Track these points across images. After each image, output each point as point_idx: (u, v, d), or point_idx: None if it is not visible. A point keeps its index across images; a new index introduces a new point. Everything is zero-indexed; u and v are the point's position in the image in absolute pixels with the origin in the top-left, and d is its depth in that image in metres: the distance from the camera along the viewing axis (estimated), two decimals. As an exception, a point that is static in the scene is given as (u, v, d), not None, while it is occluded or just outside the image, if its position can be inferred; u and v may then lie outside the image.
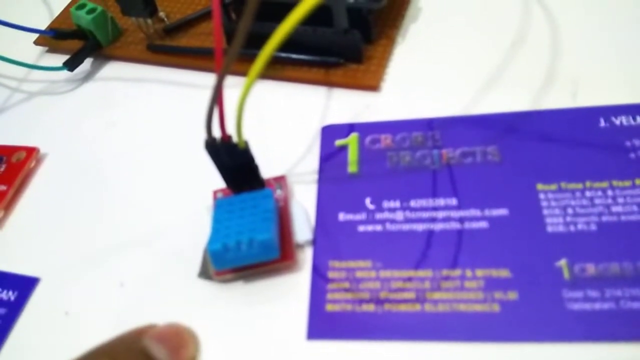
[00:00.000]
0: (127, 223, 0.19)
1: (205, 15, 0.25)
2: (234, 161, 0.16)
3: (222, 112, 0.15)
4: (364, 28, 0.21)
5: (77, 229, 0.19)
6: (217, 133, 0.16)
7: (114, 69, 0.24)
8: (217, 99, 0.15)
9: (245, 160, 0.16)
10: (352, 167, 0.18)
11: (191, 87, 0.23)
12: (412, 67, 0.21)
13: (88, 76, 0.24)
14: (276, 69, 0.22)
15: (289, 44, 0.21)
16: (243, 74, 0.16)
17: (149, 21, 0.23)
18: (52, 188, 0.21)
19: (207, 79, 0.23)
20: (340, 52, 0.21)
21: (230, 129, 0.15)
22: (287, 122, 0.21)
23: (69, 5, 0.27)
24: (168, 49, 0.23)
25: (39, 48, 0.26)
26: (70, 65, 0.23)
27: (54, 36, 0.23)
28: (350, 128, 0.19)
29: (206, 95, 0.15)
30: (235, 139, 0.16)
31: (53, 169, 0.21)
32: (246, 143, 0.16)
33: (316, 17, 0.20)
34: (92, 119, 0.23)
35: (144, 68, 0.24)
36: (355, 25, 0.21)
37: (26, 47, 0.26)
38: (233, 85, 0.17)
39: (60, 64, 0.24)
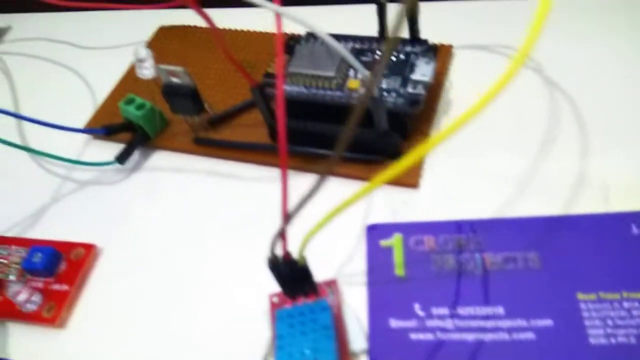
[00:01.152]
0: (182, 324, 0.20)
1: (247, 107, 0.26)
2: (292, 274, 0.18)
3: (284, 233, 0.17)
4: (400, 127, 0.22)
5: (134, 329, 0.20)
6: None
7: (161, 159, 0.26)
8: (286, 220, 0.16)
9: (303, 273, 0.18)
10: (398, 270, 0.19)
11: (237, 179, 0.24)
12: (447, 164, 0.22)
13: (136, 166, 0.26)
14: (317, 164, 0.23)
15: (329, 142, 0.23)
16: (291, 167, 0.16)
17: (196, 117, 0.24)
18: (109, 285, 0.22)
19: (253, 171, 0.24)
20: (379, 150, 0.23)
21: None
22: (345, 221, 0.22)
23: (111, 97, 0.29)
24: (214, 142, 0.25)
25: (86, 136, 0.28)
26: (122, 159, 0.25)
27: (106, 134, 0.25)
28: (393, 228, 0.21)
29: (252, 187, 0.16)
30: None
31: (109, 264, 0.22)
32: (305, 259, 0.17)
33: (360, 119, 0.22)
34: (143, 211, 0.24)
35: (191, 159, 0.25)
36: (392, 124, 0.22)
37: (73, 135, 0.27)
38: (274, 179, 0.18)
39: (109, 156, 0.25)
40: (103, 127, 0.25)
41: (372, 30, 0.24)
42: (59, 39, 0.34)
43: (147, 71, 0.23)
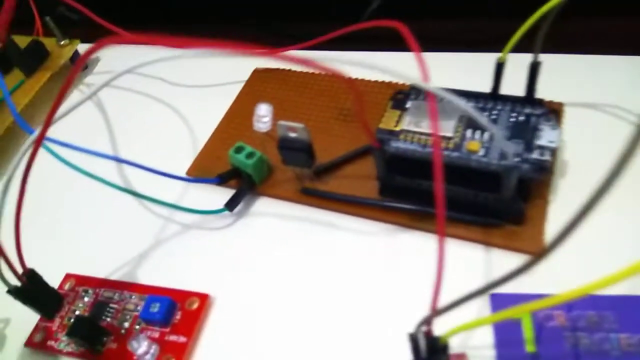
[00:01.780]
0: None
1: (352, 158, 0.26)
2: (429, 349, 0.17)
3: (434, 315, 0.16)
4: (522, 191, 0.22)
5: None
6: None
7: (266, 206, 0.26)
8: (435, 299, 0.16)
9: (441, 351, 0.17)
10: (529, 347, 0.19)
11: (344, 231, 0.24)
12: (576, 229, 0.22)
13: (242, 213, 0.26)
14: (432, 224, 0.23)
15: (446, 202, 0.23)
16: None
17: (306, 169, 0.25)
18: (223, 336, 0.22)
19: (359, 224, 0.24)
20: (500, 214, 0.22)
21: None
22: (451, 281, 0.22)
23: (212, 141, 0.29)
24: (322, 194, 0.25)
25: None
26: (231, 206, 0.25)
27: (219, 183, 0.25)
28: (520, 299, 0.20)
29: (359, 240, 0.16)
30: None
31: (221, 314, 0.23)
32: (447, 339, 0.17)
33: (478, 181, 0.22)
34: (252, 258, 0.24)
35: (295, 207, 0.25)
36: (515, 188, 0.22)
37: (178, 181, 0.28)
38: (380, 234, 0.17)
39: (208, 199, 0.26)
40: (217, 176, 0.25)
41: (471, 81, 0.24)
42: (149, 73, 0.35)
43: (263, 125, 0.23)
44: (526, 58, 0.23)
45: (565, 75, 0.27)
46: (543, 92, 0.23)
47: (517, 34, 0.22)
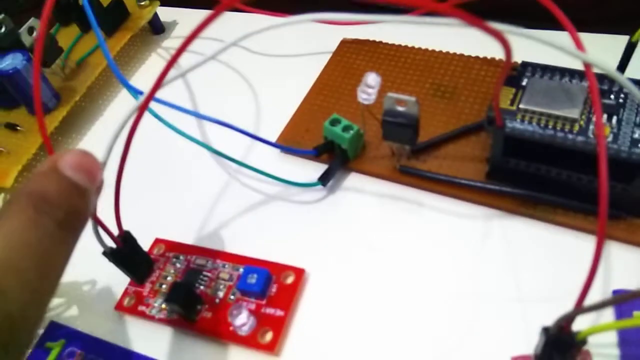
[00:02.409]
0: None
1: (453, 137, 0.25)
2: (561, 346, 0.16)
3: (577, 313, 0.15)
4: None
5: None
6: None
7: (359, 183, 0.25)
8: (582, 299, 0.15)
9: (575, 347, 0.16)
10: (659, 348, 0.18)
11: (444, 213, 0.23)
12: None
13: (334, 188, 0.25)
14: (545, 211, 0.22)
15: (563, 189, 0.21)
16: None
17: (406, 147, 0.23)
18: (318, 311, 0.21)
19: (460, 208, 0.23)
20: (622, 206, 0.21)
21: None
22: (565, 274, 0.20)
23: (300, 111, 0.28)
24: (422, 174, 0.24)
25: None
26: (325, 180, 0.24)
27: (316, 155, 0.24)
28: (647, 298, 0.19)
29: (460, 225, 0.14)
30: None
31: (316, 289, 0.22)
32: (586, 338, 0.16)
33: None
34: (346, 235, 0.23)
35: (390, 186, 0.24)
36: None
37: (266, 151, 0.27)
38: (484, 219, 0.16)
39: (294, 171, 0.25)
40: (314, 148, 0.24)
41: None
42: (230, 40, 0.34)
43: (367, 97, 0.22)
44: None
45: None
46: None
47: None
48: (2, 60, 0.28)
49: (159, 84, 0.18)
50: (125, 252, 0.22)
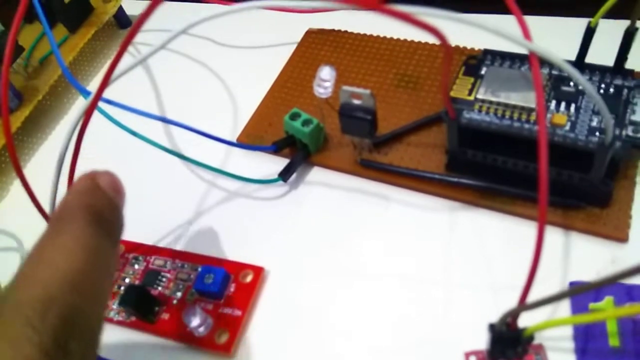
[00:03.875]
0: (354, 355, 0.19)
1: (414, 129, 0.24)
2: (509, 342, 0.16)
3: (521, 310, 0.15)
4: (610, 171, 0.20)
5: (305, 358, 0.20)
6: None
7: (320, 177, 0.24)
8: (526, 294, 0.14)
9: (523, 342, 0.16)
10: (612, 340, 0.17)
11: (404, 205, 0.23)
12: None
13: (295, 183, 0.25)
14: (504, 202, 0.21)
15: (522, 180, 0.21)
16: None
17: (366, 139, 0.23)
18: (276, 310, 0.21)
19: (420, 200, 0.23)
20: (580, 195, 0.20)
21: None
22: (525, 266, 0.20)
23: (263, 105, 0.27)
24: (382, 167, 0.23)
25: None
26: (285, 176, 0.24)
27: (275, 150, 0.24)
28: (604, 290, 0.19)
29: (421, 217, 0.14)
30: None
31: (274, 287, 0.22)
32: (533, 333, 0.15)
33: (562, 158, 0.20)
34: (305, 231, 0.23)
35: (351, 179, 0.24)
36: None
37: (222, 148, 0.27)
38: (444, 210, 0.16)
39: (254, 167, 0.25)
40: (273, 144, 0.24)
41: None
42: (199, 33, 0.34)
43: (324, 90, 0.22)
44: (614, 25, 0.21)
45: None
46: (633, 62, 0.21)
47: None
48: (-42, 61, 0.27)
49: (104, 85, 0.17)
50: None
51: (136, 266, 0.23)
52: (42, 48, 0.32)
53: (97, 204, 0.16)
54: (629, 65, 0.21)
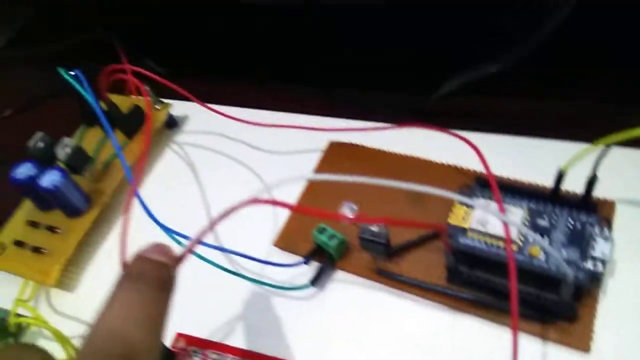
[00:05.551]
0: None
1: (420, 242, 0.30)
2: None
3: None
4: (574, 292, 0.25)
5: None
6: None
7: (343, 281, 0.30)
8: None
9: None
10: None
11: (411, 309, 0.28)
12: (621, 327, 0.25)
13: (322, 284, 0.30)
14: (494, 313, 0.26)
15: (502, 294, 0.26)
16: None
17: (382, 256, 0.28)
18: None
19: (427, 308, 0.28)
20: (553, 312, 0.25)
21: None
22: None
23: (293, 217, 0.33)
24: (394, 276, 0.28)
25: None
26: (316, 283, 0.29)
27: (305, 263, 0.29)
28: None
29: (427, 323, 0.19)
30: None
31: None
32: None
33: (539, 281, 0.25)
34: (330, 329, 0.28)
35: (370, 283, 0.29)
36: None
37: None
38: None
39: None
40: (305, 258, 0.29)
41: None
42: (235, 137, 0.39)
43: (347, 220, 0.27)
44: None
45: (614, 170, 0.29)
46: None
47: (582, 153, 0.24)
48: (42, 175, 0.33)
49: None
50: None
51: (196, 359, 0.28)
52: (105, 151, 0.38)
53: (138, 270, 0.21)
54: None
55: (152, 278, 0.21)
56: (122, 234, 0.24)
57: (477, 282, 0.27)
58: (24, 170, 0.34)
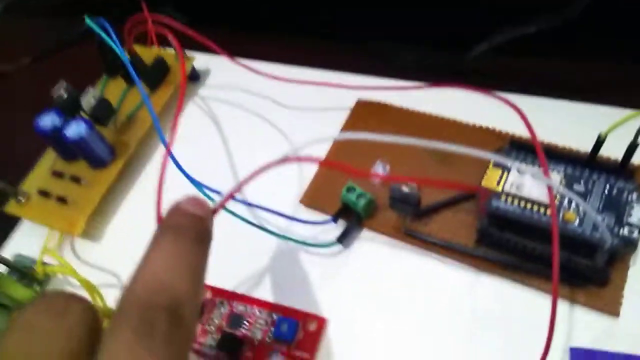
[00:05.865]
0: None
1: (450, 203, 0.29)
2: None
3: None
4: (608, 258, 0.25)
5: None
6: None
7: (370, 241, 0.30)
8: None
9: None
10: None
11: (438, 270, 0.28)
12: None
13: (348, 244, 0.30)
14: (523, 276, 0.26)
15: (539, 259, 0.26)
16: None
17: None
18: (337, 356, 0.27)
19: (454, 269, 0.28)
20: (585, 276, 0.25)
21: None
22: (535, 332, 0.25)
23: (319, 174, 0.32)
24: (422, 236, 0.28)
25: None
26: (343, 241, 0.29)
27: (334, 221, 0.29)
28: (600, 356, 0.23)
29: (450, 284, 0.19)
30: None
31: (334, 336, 0.27)
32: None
33: (572, 246, 0.25)
34: (357, 287, 0.28)
35: (396, 243, 0.29)
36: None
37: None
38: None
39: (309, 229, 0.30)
40: (333, 217, 0.29)
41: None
42: (260, 92, 0.38)
43: (378, 180, 0.27)
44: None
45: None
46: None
47: (625, 119, 0.24)
48: (67, 126, 0.33)
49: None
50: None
51: (222, 310, 0.28)
52: (128, 103, 0.38)
53: (177, 222, 0.21)
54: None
55: (190, 230, 0.20)
56: (157, 187, 0.23)
57: (507, 244, 0.26)
58: (48, 120, 0.33)
